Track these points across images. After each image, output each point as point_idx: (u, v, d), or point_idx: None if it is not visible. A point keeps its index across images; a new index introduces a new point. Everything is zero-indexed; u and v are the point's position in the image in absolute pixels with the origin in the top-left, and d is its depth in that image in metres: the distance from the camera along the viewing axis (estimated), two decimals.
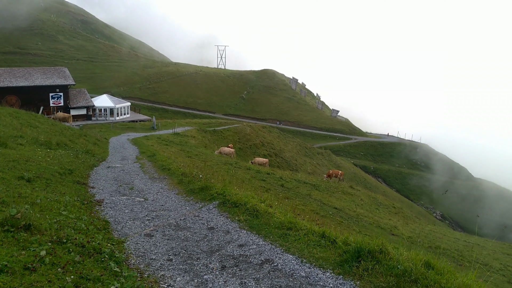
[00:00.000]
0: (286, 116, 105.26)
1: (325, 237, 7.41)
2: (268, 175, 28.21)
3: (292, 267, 6.35)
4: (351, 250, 6.17)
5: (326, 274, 5.96)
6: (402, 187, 78.25)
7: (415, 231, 25.61)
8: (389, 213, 32.07)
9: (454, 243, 25.35)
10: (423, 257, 5.73)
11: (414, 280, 5.12)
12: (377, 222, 24.48)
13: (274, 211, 9.34)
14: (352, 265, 5.91)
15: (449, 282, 4.93)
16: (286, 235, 7.80)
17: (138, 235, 8.13)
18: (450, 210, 73.86)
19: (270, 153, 51.30)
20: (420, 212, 59.37)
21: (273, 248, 7.24)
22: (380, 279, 5.36)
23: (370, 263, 5.75)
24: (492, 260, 22.55)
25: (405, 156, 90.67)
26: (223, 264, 6.66)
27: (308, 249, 6.98)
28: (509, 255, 25.88)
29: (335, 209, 23.71)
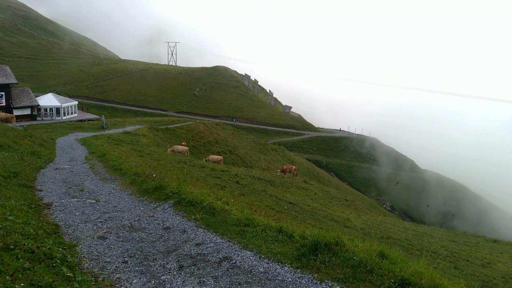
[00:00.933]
0: (240, 112, 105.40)
1: (282, 232, 7.48)
2: (223, 172, 28.13)
3: (250, 264, 6.36)
4: (308, 243, 6.26)
5: (284, 268, 6.02)
6: (354, 180, 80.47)
7: (367, 223, 26.40)
8: (342, 206, 32.87)
9: (404, 232, 26.35)
10: (377, 247, 5.91)
11: (370, 270, 5.27)
12: (331, 215, 25.01)
13: (231, 209, 9.31)
14: (309, 259, 6.00)
15: (402, 271, 5.12)
16: (243, 232, 7.80)
17: (91, 238, 7.87)
18: (398, 200, 76.79)
19: (224, 150, 51.19)
20: (371, 204, 61.36)
21: (231, 246, 7.22)
22: (337, 271, 5.48)
23: (327, 255, 5.86)
24: (439, 248, 23.63)
25: (356, 150, 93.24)
26: (180, 264, 6.57)
27: (266, 245, 7.02)
28: (454, 242, 27.24)
29: (290, 204, 23.99)
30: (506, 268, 21.88)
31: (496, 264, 22.33)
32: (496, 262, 22.63)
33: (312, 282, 5.45)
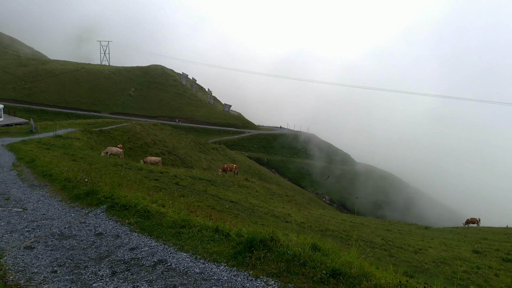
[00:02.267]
0: (178, 112, 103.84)
1: (218, 231, 7.43)
2: (161, 174, 27.57)
3: (186, 265, 6.25)
4: (244, 241, 6.26)
5: (220, 267, 5.98)
6: (294, 175, 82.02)
7: (307, 217, 26.99)
8: (283, 201, 33.35)
9: (342, 224, 27.20)
10: (310, 240, 6.01)
11: (303, 263, 5.36)
12: (272, 212, 25.28)
13: (166, 211, 9.12)
14: (245, 256, 6.00)
15: (333, 262, 5.24)
16: (179, 234, 7.66)
17: (17, 248, 7.39)
18: (337, 193, 79.30)
19: (163, 151, 50.20)
20: (311, 198, 62.87)
21: (166, 248, 7.06)
22: (272, 266, 5.52)
23: (262, 251, 5.89)
24: (375, 237, 24.61)
25: (296, 147, 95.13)
26: (113, 270, 6.33)
27: (202, 245, 6.93)
28: (389, 231, 28.50)
29: (231, 202, 23.97)
30: (436, 253, 23.18)
31: (428, 249, 23.59)
32: (427, 248, 23.91)
33: (248, 279, 5.45)
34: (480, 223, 39.79)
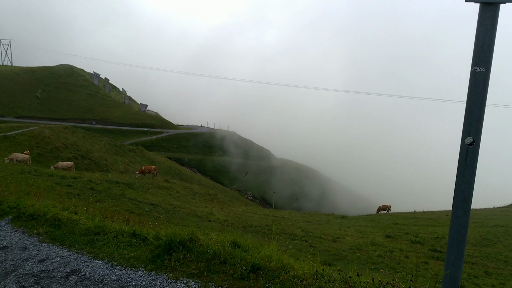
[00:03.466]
0: (91, 114, 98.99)
1: (136, 235, 7.15)
2: (75, 179, 26.11)
3: (101, 273, 5.94)
4: (163, 244, 6.09)
5: (138, 273, 5.76)
6: (216, 174, 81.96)
7: (229, 214, 27.08)
8: (205, 200, 33.17)
9: (264, 219, 27.66)
10: (230, 238, 6.00)
11: (223, 261, 5.33)
12: (194, 212, 25.04)
13: (79, 218, 8.60)
14: (164, 259, 5.84)
15: (253, 257, 5.28)
16: (93, 241, 7.26)
17: None
18: (258, 189, 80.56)
19: (75, 155, 47.51)
20: (234, 196, 63.22)
21: (79, 257, 6.66)
22: (192, 267, 5.43)
23: (181, 253, 5.77)
24: (295, 229, 25.33)
25: (216, 145, 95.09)
26: (21, 285, 5.83)
27: (119, 251, 6.63)
28: (309, 222, 29.48)
29: (151, 205, 23.37)
30: (353, 240, 24.42)
31: (345, 237, 24.77)
32: (344, 236, 25.10)
33: (167, 282, 5.30)
34: (390, 210, 42.55)
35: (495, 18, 4.30)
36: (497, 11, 4.29)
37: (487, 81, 4.37)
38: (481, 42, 4.32)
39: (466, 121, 4.44)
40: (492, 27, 4.30)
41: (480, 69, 4.34)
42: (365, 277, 4.73)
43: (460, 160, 4.49)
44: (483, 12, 4.31)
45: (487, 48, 4.31)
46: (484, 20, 4.31)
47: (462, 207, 4.53)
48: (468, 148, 4.43)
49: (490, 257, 23.65)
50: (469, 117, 4.42)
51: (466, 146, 4.43)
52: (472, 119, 4.41)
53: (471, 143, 4.41)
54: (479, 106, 4.39)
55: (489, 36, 4.30)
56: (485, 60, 4.33)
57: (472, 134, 4.41)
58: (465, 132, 4.43)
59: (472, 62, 4.37)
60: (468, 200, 4.51)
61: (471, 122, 4.41)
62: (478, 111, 4.39)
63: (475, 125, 4.40)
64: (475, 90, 4.38)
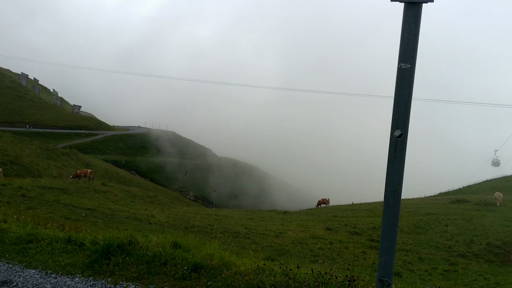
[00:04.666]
0: (19, 116, 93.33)
1: (71, 241, 6.86)
2: (3, 186, 24.62)
3: (35, 282, 5.63)
4: (100, 248, 5.89)
5: (75, 279, 5.52)
6: (156, 175, 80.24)
7: (171, 216, 26.69)
8: (145, 203, 32.45)
9: (207, 219, 27.55)
10: (171, 238, 5.92)
11: (164, 262, 5.25)
12: (134, 215, 24.46)
13: (9, 226, 8.11)
14: (102, 264, 5.64)
15: (195, 256, 5.24)
16: (25, 250, 6.88)
17: None
18: (201, 189, 79.90)
19: (4, 161, 44.58)
20: (175, 197, 62.31)
21: (10, 267, 6.27)
22: (132, 270, 5.29)
23: (120, 257, 5.61)
24: (238, 227, 25.47)
25: (155, 146, 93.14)
26: None
27: (53, 258, 6.33)
28: (252, 219, 29.72)
29: (88, 210, 22.56)
30: (295, 234, 24.95)
31: (287, 232, 25.25)
32: (287, 231, 25.59)
33: (106, 287, 5.14)
34: (329, 203, 43.88)
35: (418, 17, 4.55)
36: (420, 10, 4.55)
37: (412, 77, 4.62)
38: (406, 39, 4.55)
39: (394, 115, 4.66)
40: (416, 25, 4.55)
41: (406, 66, 4.57)
42: (305, 269, 4.86)
43: (390, 152, 4.71)
44: (407, 11, 4.55)
45: (412, 45, 4.56)
46: (408, 19, 4.55)
47: (393, 197, 4.75)
48: (397, 140, 4.66)
49: (423, 244, 25.10)
50: (397, 111, 4.65)
51: (395, 139, 4.66)
52: (399, 113, 4.64)
53: (399, 136, 4.64)
54: (405, 101, 4.63)
55: (413, 34, 4.55)
56: (410, 57, 4.57)
57: (400, 127, 4.64)
58: (394, 125, 4.66)
59: (399, 59, 4.60)
60: (399, 190, 4.74)
61: (399, 116, 4.64)
62: (405, 105, 4.63)
63: (402, 118, 4.64)
64: (402, 86, 4.62)
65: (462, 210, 33.71)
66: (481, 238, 25.76)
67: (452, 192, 57.68)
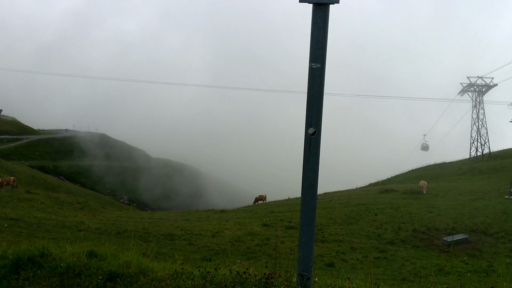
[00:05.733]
0: None
1: None
2: None
3: None
4: (9, 263, 5.50)
5: None
6: (87, 180, 76.90)
7: (102, 221, 25.74)
8: (74, 209, 31.04)
9: (141, 222, 26.87)
10: (86, 248, 5.68)
11: (78, 273, 5.02)
12: (62, 222, 23.35)
13: None
14: (11, 279, 5.27)
15: (110, 265, 5.06)
16: None
17: None
18: (135, 192, 77.72)
19: None
20: (108, 201, 60.13)
21: None
22: (43, 284, 5.00)
23: (31, 270, 5.28)
24: (174, 229, 25.06)
25: (85, 149, 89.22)
26: None
27: None
28: (188, 221, 29.38)
29: (11, 220, 21.22)
30: (232, 233, 25.01)
31: (224, 231, 25.24)
32: (223, 230, 25.57)
33: None
34: (266, 199, 44.43)
35: (326, 18, 4.68)
36: (328, 11, 4.68)
37: (323, 76, 4.75)
38: (315, 40, 4.68)
39: (308, 114, 4.78)
40: (324, 26, 4.68)
41: (316, 65, 4.70)
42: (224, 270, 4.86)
43: (305, 149, 4.83)
44: (316, 12, 4.67)
45: (321, 45, 4.69)
46: (316, 20, 4.66)
47: (310, 192, 4.88)
48: (311, 138, 4.78)
49: (354, 234, 26.16)
50: (310, 109, 4.77)
51: (309, 137, 4.78)
52: (312, 111, 4.76)
53: (313, 134, 4.76)
54: (317, 99, 4.76)
55: (322, 34, 4.68)
56: (320, 57, 4.71)
57: (314, 125, 4.76)
58: (308, 123, 4.78)
59: (309, 59, 4.71)
60: (314, 185, 4.88)
61: (312, 114, 4.77)
62: (317, 103, 4.76)
63: (315, 117, 4.77)
64: (313, 85, 4.74)
65: (390, 199, 35.52)
66: (407, 225, 27.28)
67: (381, 182, 60.63)
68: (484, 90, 66.63)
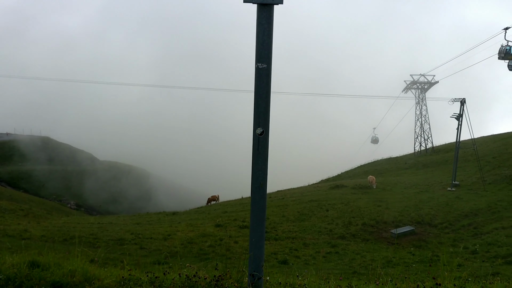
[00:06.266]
0: None
1: None
2: None
3: None
4: None
5: None
6: (30, 185, 73.28)
7: (48, 228, 24.71)
8: (17, 217, 29.57)
9: (89, 228, 25.99)
10: (28, 257, 5.40)
11: (19, 285, 4.76)
12: (4, 231, 22.23)
13: None
14: None
15: (54, 275, 4.85)
16: None
17: None
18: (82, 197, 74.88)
19: None
20: (54, 207, 57.60)
21: None
22: None
23: None
24: (124, 233, 24.46)
25: (27, 153, 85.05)
26: None
27: None
28: (139, 224, 28.74)
29: None
30: (184, 235, 24.72)
31: (176, 234, 24.91)
32: (175, 232, 25.23)
33: None
34: (219, 199, 44.24)
35: (271, 18, 4.71)
36: (272, 12, 4.70)
37: (269, 76, 4.78)
38: (260, 40, 4.69)
39: (255, 114, 4.79)
40: (269, 26, 4.70)
41: (262, 65, 4.72)
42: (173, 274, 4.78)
43: (253, 149, 4.84)
44: (260, 12, 4.68)
45: (267, 45, 4.71)
46: (261, 20, 4.68)
47: (259, 192, 4.90)
48: (259, 138, 4.80)
49: (307, 230, 26.61)
50: (257, 109, 4.78)
51: (257, 137, 4.79)
52: (260, 111, 4.78)
53: (261, 134, 4.78)
54: (264, 99, 4.78)
55: (267, 34, 4.70)
56: (266, 57, 4.73)
57: (262, 125, 4.78)
58: (255, 123, 4.79)
59: (255, 59, 4.73)
60: (264, 185, 4.90)
61: (260, 114, 4.78)
62: (265, 103, 4.79)
63: (263, 117, 4.79)
64: (260, 85, 4.76)
65: (341, 195, 36.41)
66: (357, 219, 28.10)
67: (332, 178, 61.96)
68: (427, 87, 69.76)
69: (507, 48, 37.68)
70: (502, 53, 38.34)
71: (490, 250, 21.48)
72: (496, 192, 34.18)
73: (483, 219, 27.39)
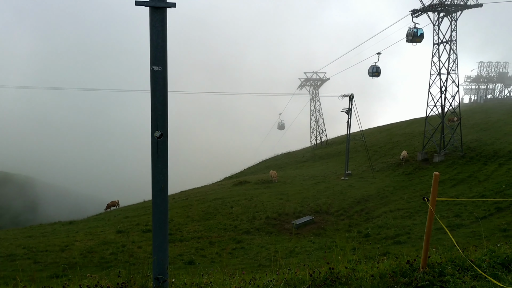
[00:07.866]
0: None
1: None
2: None
3: None
4: None
5: None
6: None
7: None
8: None
9: None
10: None
11: None
12: None
13: None
14: None
15: None
16: None
17: None
18: None
19: None
20: None
21: None
22: None
23: None
24: (15, 248, 22.51)
25: None
26: None
27: None
28: (31, 237, 26.57)
29: None
30: (83, 244, 23.41)
31: (74, 244, 23.48)
32: (73, 242, 23.78)
33: None
34: (119, 204, 42.51)
35: (165, 21, 4.71)
36: (165, 15, 4.70)
37: (166, 79, 4.78)
38: (155, 43, 4.67)
39: (153, 117, 4.77)
40: (163, 29, 4.70)
41: (157, 68, 4.70)
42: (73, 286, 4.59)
43: (153, 153, 4.81)
44: (153, 15, 4.65)
45: (161, 48, 4.70)
46: (155, 23, 4.66)
47: (160, 196, 4.89)
48: (158, 141, 4.78)
49: (212, 228, 26.74)
50: (155, 112, 4.76)
51: (156, 140, 4.77)
52: (157, 114, 4.77)
53: (160, 136, 4.77)
54: (162, 102, 4.77)
55: (161, 37, 4.69)
56: (161, 60, 4.72)
57: (160, 128, 4.77)
58: (154, 126, 4.77)
59: (150, 62, 4.69)
60: (165, 188, 4.90)
61: (157, 117, 4.77)
62: (162, 106, 4.78)
63: (161, 119, 4.78)
64: (156, 87, 4.74)
65: (244, 191, 37.16)
66: (261, 213, 28.90)
67: (236, 175, 62.94)
68: (319, 84, 73.85)
69: (415, 30, 40.51)
70: (410, 36, 40.78)
71: (381, 232, 23.47)
72: (383, 179, 37.46)
73: (373, 204, 29.85)
